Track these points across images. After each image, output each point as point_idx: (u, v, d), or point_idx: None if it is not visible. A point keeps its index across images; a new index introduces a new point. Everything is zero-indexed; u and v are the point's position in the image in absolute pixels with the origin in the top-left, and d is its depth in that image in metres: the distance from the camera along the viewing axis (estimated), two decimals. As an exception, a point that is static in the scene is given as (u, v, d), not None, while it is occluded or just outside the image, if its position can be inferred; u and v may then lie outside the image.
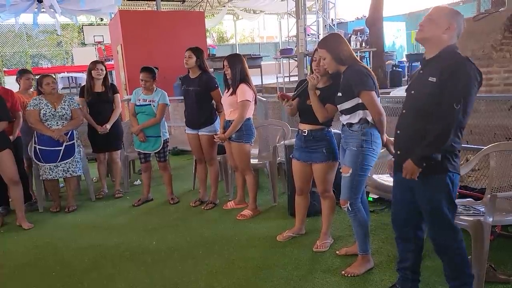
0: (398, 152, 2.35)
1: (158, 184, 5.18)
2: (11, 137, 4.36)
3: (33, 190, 4.91)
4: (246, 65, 3.95)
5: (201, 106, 4.22)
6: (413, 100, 2.26)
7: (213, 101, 4.29)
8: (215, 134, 4.15)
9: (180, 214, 4.33)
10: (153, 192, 4.85)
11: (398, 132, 2.34)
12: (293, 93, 3.23)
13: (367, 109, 2.73)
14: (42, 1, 10.35)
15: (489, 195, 2.78)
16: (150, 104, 4.48)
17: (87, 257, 3.44)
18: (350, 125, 2.80)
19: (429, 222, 2.29)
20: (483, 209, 2.72)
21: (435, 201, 2.20)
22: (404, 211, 2.42)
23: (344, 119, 2.84)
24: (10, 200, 4.49)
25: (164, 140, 4.56)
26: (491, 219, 2.49)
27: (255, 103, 4.08)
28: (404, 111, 2.32)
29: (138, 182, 5.56)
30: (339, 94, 2.82)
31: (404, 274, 2.51)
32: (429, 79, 2.12)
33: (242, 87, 3.86)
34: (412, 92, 2.28)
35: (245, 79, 3.90)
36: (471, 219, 2.56)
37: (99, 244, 3.69)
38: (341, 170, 2.88)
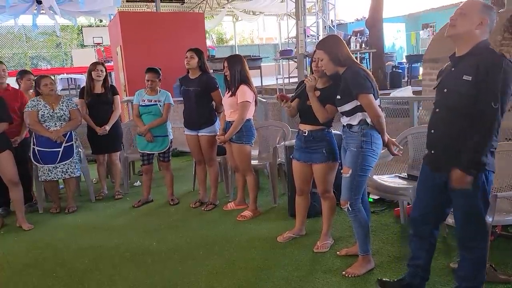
0: (433, 152, 2.31)
1: (158, 186, 5.17)
2: (18, 138, 4.38)
3: (33, 191, 4.91)
4: (247, 66, 3.96)
5: (201, 107, 4.22)
6: (446, 99, 2.19)
7: (213, 102, 4.29)
8: (216, 135, 4.15)
9: (180, 215, 4.32)
10: (153, 193, 4.85)
11: (432, 131, 2.28)
12: (292, 94, 3.25)
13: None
14: (42, 3, 10.35)
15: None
16: (157, 104, 4.49)
17: (87, 258, 3.44)
18: (350, 126, 2.81)
19: (462, 220, 2.25)
20: (484, 209, 2.71)
21: (471, 199, 2.17)
22: (426, 209, 2.40)
23: (345, 120, 2.86)
24: (10, 201, 4.48)
25: (170, 140, 4.58)
26: (491, 219, 2.49)
27: (256, 104, 4.08)
28: (437, 110, 2.26)
29: (138, 183, 5.56)
30: (338, 96, 2.83)
31: (414, 271, 2.51)
32: (464, 78, 2.06)
33: (242, 88, 3.87)
34: (445, 90, 2.20)
35: (245, 80, 3.90)
36: (472, 219, 2.56)
37: (99, 245, 3.68)
38: (341, 171, 2.88)
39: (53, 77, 4.87)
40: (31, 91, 5.12)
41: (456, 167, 2.08)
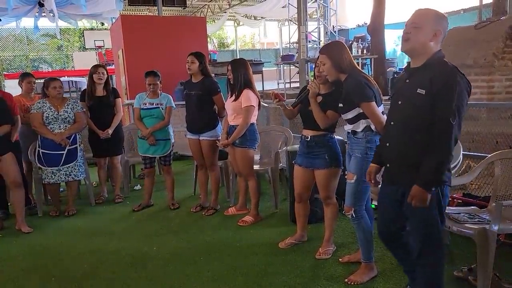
0: (388, 165, 2.28)
1: (158, 190, 5.13)
2: None
3: (33, 194, 4.88)
4: (250, 70, 3.94)
5: (202, 111, 4.19)
6: (401, 112, 2.17)
7: (215, 106, 4.27)
8: (218, 140, 4.13)
9: (180, 220, 4.29)
10: (153, 197, 4.81)
11: (388, 144, 2.25)
12: (295, 99, 3.24)
13: None
14: (44, 5, 10.37)
15: (494, 203, 2.75)
16: (159, 107, 4.48)
17: (86, 263, 3.41)
18: (354, 132, 2.80)
19: (417, 235, 2.21)
20: (488, 217, 2.70)
21: (427, 213, 2.11)
22: (390, 222, 2.36)
23: (348, 128, 2.85)
24: (9, 204, 4.45)
25: (171, 143, 4.57)
26: (496, 227, 2.47)
27: (259, 108, 4.06)
28: (392, 122, 2.24)
29: (138, 187, 5.53)
30: (340, 104, 2.82)
31: (412, 275, 2.47)
32: (418, 91, 2.04)
33: (247, 92, 3.85)
34: (399, 102, 2.18)
35: (249, 84, 3.88)
36: (476, 227, 2.54)
37: (98, 249, 3.65)
38: (346, 177, 2.86)
39: (61, 80, 4.76)
40: (32, 93, 5.11)
41: (416, 184, 2.03)
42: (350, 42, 11.60)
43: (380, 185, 2.41)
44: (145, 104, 4.48)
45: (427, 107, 2.01)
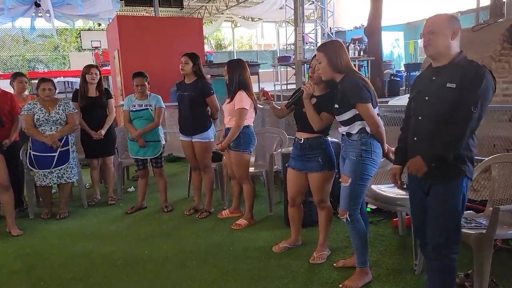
0: None
1: (152, 192, 5.07)
2: (7, 141, 4.25)
3: (25, 196, 4.81)
4: (248, 72, 3.88)
5: (195, 112, 4.14)
6: (430, 107, 2.22)
7: (208, 108, 4.22)
8: (211, 141, 4.07)
9: (174, 223, 4.24)
10: (146, 200, 4.76)
11: (415, 138, 2.31)
12: (288, 100, 3.20)
13: None
14: (40, 5, 10.32)
15: (491, 208, 2.71)
16: (148, 109, 4.42)
17: (77, 266, 3.35)
18: (349, 134, 2.75)
19: (439, 224, 2.23)
20: (485, 222, 2.65)
21: (452, 203, 2.19)
22: (424, 216, 2.35)
23: (343, 129, 2.80)
24: (0, 206, 4.38)
25: (162, 145, 4.51)
26: (493, 233, 2.42)
27: (255, 111, 3.99)
28: (420, 118, 2.28)
29: (131, 189, 5.47)
30: (336, 105, 2.77)
31: None
32: (448, 85, 2.12)
33: (240, 94, 3.79)
34: (427, 98, 2.23)
35: (244, 86, 3.82)
36: (473, 232, 2.50)
37: (90, 252, 3.59)
38: (340, 180, 2.81)
39: (54, 81, 4.69)
40: (25, 93, 5.05)
41: (419, 155, 2.16)
42: (347, 44, 11.58)
43: (405, 186, 2.50)
44: (134, 106, 4.42)
45: (456, 100, 2.10)
